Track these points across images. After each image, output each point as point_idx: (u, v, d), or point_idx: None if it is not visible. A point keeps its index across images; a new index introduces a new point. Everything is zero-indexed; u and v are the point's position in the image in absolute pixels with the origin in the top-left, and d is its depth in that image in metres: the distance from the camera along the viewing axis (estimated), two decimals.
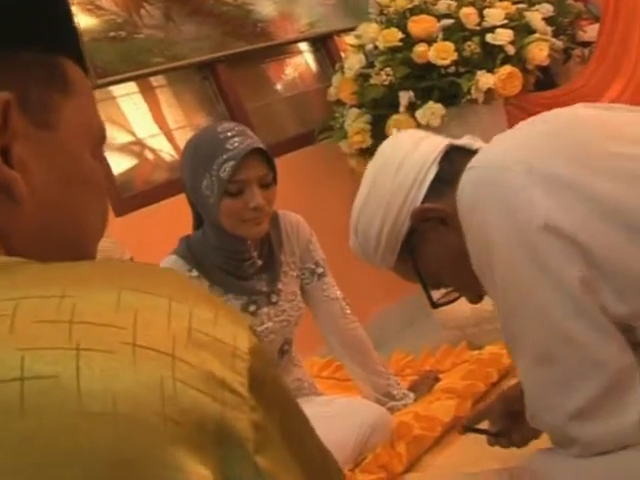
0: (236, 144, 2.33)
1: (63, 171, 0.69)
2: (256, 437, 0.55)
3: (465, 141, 1.58)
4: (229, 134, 2.35)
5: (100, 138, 0.76)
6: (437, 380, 2.88)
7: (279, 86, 4.30)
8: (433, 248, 1.54)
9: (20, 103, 0.66)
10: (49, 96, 0.69)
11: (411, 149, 1.55)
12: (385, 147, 1.63)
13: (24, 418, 0.50)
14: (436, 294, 1.66)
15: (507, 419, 1.71)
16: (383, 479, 2.31)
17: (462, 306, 3.27)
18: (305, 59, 4.46)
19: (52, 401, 0.51)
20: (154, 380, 0.52)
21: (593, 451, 1.30)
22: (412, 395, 2.78)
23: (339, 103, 3.84)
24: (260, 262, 2.53)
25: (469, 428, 1.87)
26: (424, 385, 2.86)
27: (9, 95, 0.64)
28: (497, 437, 1.73)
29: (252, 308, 2.53)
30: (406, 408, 2.70)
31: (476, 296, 1.60)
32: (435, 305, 1.66)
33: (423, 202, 1.52)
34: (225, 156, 2.32)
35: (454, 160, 1.52)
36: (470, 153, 1.51)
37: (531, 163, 1.32)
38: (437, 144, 1.57)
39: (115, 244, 1.75)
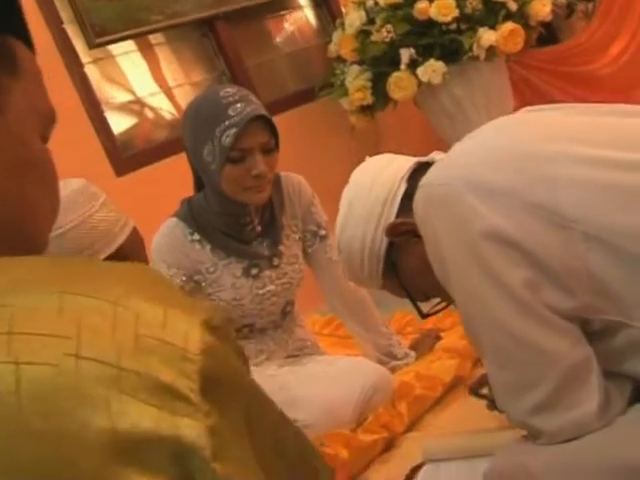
0: (238, 110, 2.32)
1: (12, 155, 0.66)
2: (212, 443, 0.53)
3: (431, 157, 1.66)
4: (231, 99, 2.34)
5: (49, 120, 0.72)
6: (438, 338, 2.90)
7: (279, 42, 4.27)
8: (411, 260, 1.61)
9: None
10: None
11: (380, 171, 1.65)
12: (357, 171, 1.72)
13: None
14: (426, 306, 1.76)
15: None
16: (385, 439, 2.34)
17: None
18: (305, 14, 4.42)
19: None
20: (99, 395, 0.50)
21: (558, 440, 1.35)
22: (413, 354, 2.80)
23: (339, 59, 3.81)
24: (260, 227, 2.53)
25: (475, 393, 1.97)
26: (425, 344, 2.87)
27: None
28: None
29: (254, 271, 2.54)
30: (407, 367, 2.72)
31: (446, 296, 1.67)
32: (424, 316, 1.74)
33: (397, 217, 1.61)
34: (227, 122, 2.31)
35: (420, 176, 1.57)
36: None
37: (468, 177, 1.38)
38: (405, 163, 1.66)
39: (116, 214, 1.74)
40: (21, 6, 0.70)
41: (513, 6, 3.39)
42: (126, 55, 3.57)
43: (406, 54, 3.44)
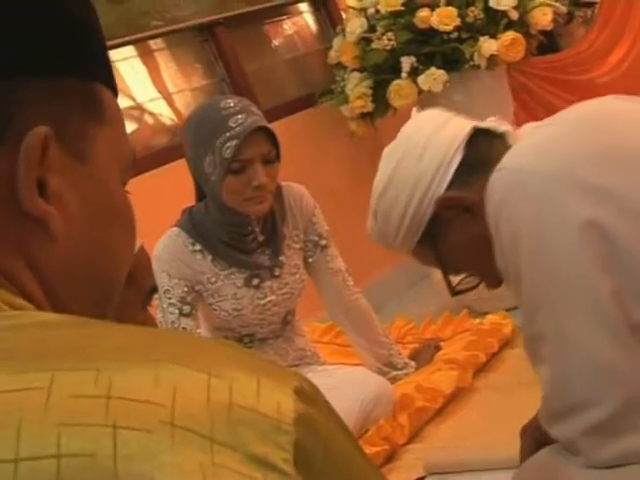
0: (239, 121, 2.33)
1: (97, 204, 0.67)
2: None
3: (490, 124, 1.54)
4: (232, 110, 2.35)
5: (130, 164, 0.73)
6: (438, 348, 2.92)
7: (279, 48, 4.27)
8: (456, 235, 1.51)
9: (57, 134, 0.63)
10: (85, 125, 0.67)
11: (435, 132, 1.52)
12: (408, 129, 1.58)
13: None
14: (454, 280, 1.64)
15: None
16: (386, 451, 2.35)
17: None
18: (305, 20, 4.42)
19: None
20: (193, 464, 0.50)
21: (598, 466, 1.30)
22: (413, 364, 2.81)
23: (340, 66, 3.81)
24: (262, 237, 2.54)
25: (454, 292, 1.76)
26: (425, 354, 2.89)
27: (47, 129, 0.62)
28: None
29: (255, 282, 2.55)
30: (407, 377, 2.74)
31: (496, 282, 1.57)
32: (454, 292, 1.64)
33: (448, 188, 1.49)
34: (228, 134, 2.32)
35: (479, 145, 1.50)
36: (495, 137, 1.50)
37: (566, 170, 1.30)
38: (462, 127, 1.53)
39: None
40: (108, 53, 0.71)
41: (514, 15, 3.40)
42: (126, 61, 3.55)
43: (407, 62, 3.44)
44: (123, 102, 3.51)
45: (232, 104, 2.38)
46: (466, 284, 1.66)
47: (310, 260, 2.70)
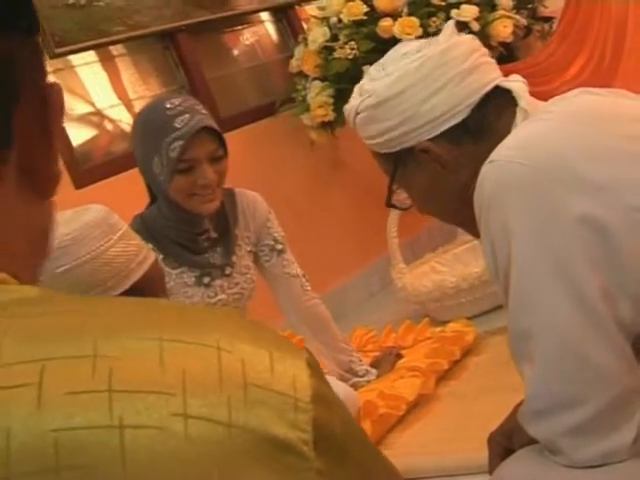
0: (184, 122, 2.32)
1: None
2: None
3: (516, 86, 1.47)
4: (177, 110, 2.34)
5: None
6: (399, 357, 2.90)
7: (240, 56, 4.26)
8: (419, 175, 1.50)
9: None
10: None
11: (455, 79, 1.45)
12: (437, 56, 1.47)
13: None
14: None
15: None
16: None
17: (424, 281, 3.34)
18: (266, 29, 4.41)
19: None
20: (210, 460, 0.46)
21: (579, 466, 1.26)
22: (374, 372, 2.79)
23: (301, 75, 3.80)
24: (215, 234, 2.52)
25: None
26: (386, 362, 2.87)
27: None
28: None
29: (206, 280, 2.53)
30: (369, 385, 2.72)
31: (426, 214, 1.61)
32: (389, 204, 1.61)
33: (437, 137, 1.45)
34: (174, 135, 2.31)
35: (489, 109, 1.45)
36: (509, 106, 1.45)
37: (560, 163, 1.27)
38: (483, 84, 1.46)
39: (136, 248, 1.56)
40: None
41: (475, 26, 3.42)
42: (86, 66, 3.51)
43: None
44: (83, 108, 3.48)
45: (177, 103, 2.36)
46: (401, 203, 1.63)
47: (266, 265, 2.68)
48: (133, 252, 1.55)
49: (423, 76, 1.46)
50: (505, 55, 3.84)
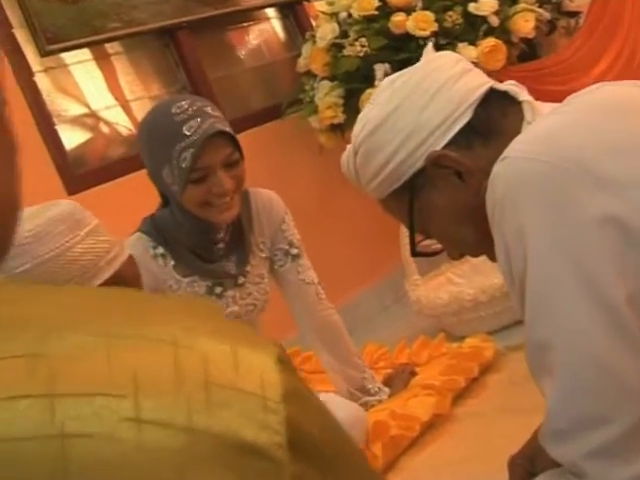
0: (194, 128, 2.27)
1: None
2: None
3: (509, 87, 1.47)
4: (185, 115, 2.28)
5: None
6: (413, 374, 2.88)
7: (244, 55, 4.24)
8: (438, 197, 1.45)
9: None
10: None
11: (447, 83, 1.44)
12: (419, 70, 1.50)
13: None
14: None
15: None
16: None
17: (440, 293, 3.31)
18: (272, 26, 4.39)
19: None
20: (169, 467, 0.43)
21: None
22: (387, 390, 2.78)
23: (309, 74, 3.78)
24: (229, 245, 2.50)
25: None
26: (400, 379, 2.85)
27: None
28: None
29: (218, 290, 2.51)
30: (381, 404, 2.70)
31: (457, 254, 1.55)
32: (415, 253, 1.57)
33: (446, 146, 1.42)
34: (183, 143, 2.26)
35: (492, 110, 1.43)
36: (510, 105, 1.43)
37: (579, 159, 1.24)
38: (478, 84, 1.46)
39: (107, 245, 1.52)
40: None
41: (495, 21, 3.39)
42: (80, 64, 3.50)
43: (381, 70, 3.41)
44: (76, 109, 3.47)
45: (185, 106, 2.30)
46: (428, 248, 1.60)
47: (280, 270, 2.66)
48: (102, 249, 1.52)
49: (413, 87, 1.45)
50: (527, 53, 3.82)
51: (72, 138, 3.42)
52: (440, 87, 1.44)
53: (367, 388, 2.73)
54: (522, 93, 1.45)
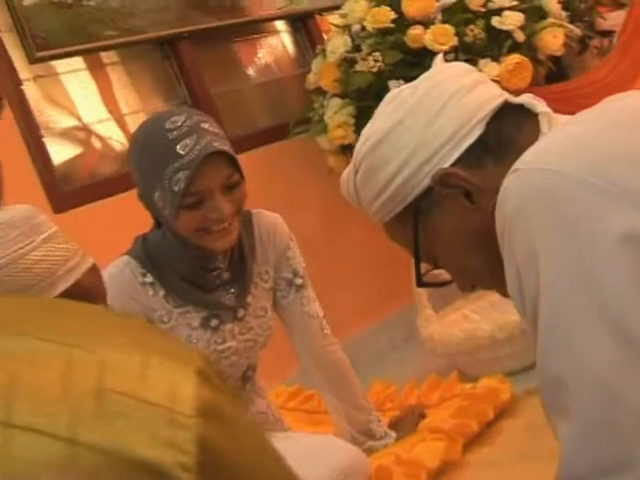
0: (189, 147, 2.15)
1: None
2: None
3: (526, 99, 1.43)
4: (179, 133, 2.17)
5: None
6: (423, 417, 2.86)
7: (250, 70, 4.24)
8: (445, 221, 1.41)
9: None
10: None
11: (457, 95, 1.40)
12: (427, 81, 1.44)
13: None
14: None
15: None
16: None
17: (454, 330, 3.23)
18: (282, 40, 4.40)
19: None
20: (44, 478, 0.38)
21: None
22: (394, 434, 2.75)
23: (319, 92, 3.75)
24: (228, 274, 2.42)
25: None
26: (408, 423, 2.83)
27: None
28: None
29: (214, 323, 2.42)
30: (386, 449, 2.67)
31: (468, 286, 1.49)
32: (421, 283, 1.51)
33: (454, 164, 1.38)
34: (177, 164, 2.16)
35: (505, 124, 1.39)
36: (526, 118, 1.39)
37: (595, 169, 1.18)
38: (491, 97, 1.41)
39: (66, 252, 1.52)
40: None
41: (520, 36, 3.34)
42: (73, 73, 3.49)
43: (395, 87, 3.32)
44: (66, 121, 3.48)
45: (180, 122, 2.19)
46: (436, 278, 1.53)
47: (283, 302, 2.59)
48: (61, 257, 1.49)
49: (420, 99, 1.41)
50: (555, 73, 3.76)
51: (61, 152, 3.40)
52: (449, 99, 1.40)
53: (372, 432, 2.69)
54: (539, 105, 1.42)
